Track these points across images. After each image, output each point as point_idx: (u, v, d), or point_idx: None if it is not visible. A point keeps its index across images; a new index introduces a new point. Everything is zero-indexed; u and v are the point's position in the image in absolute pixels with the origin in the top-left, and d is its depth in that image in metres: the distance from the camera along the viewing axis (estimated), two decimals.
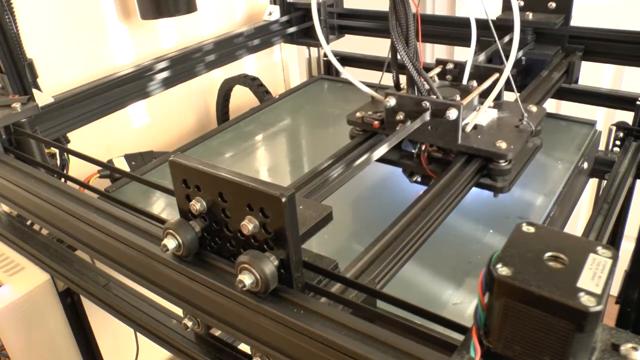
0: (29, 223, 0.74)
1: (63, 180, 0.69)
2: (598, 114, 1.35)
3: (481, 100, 0.73)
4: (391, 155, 0.76)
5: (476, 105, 0.74)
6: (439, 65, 0.80)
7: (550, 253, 0.33)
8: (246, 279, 0.42)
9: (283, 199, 0.40)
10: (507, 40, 0.96)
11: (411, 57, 0.69)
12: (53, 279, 0.67)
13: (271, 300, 0.43)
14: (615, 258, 0.32)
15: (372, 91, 0.81)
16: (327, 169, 0.69)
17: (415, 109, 0.70)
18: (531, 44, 1.01)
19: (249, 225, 0.42)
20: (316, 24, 0.77)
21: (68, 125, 0.91)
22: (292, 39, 1.33)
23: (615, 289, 1.08)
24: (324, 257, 0.51)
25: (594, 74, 1.16)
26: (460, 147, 0.71)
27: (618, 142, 0.90)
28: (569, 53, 1.00)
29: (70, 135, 0.93)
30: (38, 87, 0.83)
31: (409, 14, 0.67)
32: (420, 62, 0.70)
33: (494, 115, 0.75)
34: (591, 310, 0.29)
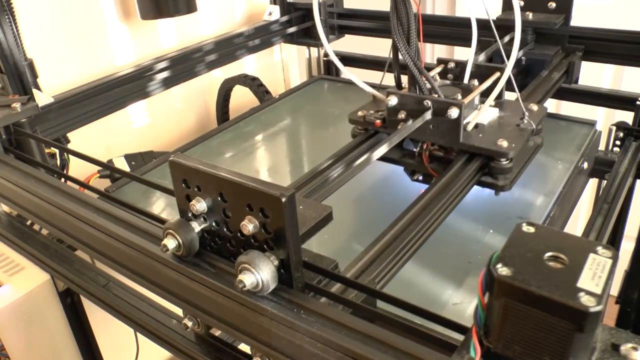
0: (29, 223, 0.74)
1: (63, 180, 0.69)
2: (598, 114, 1.35)
3: (482, 99, 0.74)
4: (393, 154, 0.76)
5: (477, 104, 0.74)
6: (440, 64, 0.80)
7: (550, 253, 0.33)
8: (246, 279, 0.42)
9: (283, 199, 0.40)
10: (507, 40, 0.96)
11: (413, 57, 0.69)
12: (53, 279, 0.67)
13: (271, 300, 0.43)
14: (615, 258, 0.32)
15: (374, 90, 0.81)
16: (327, 169, 0.70)
17: (416, 108, 0.71)
18: (531, 44, 1.01)
19: (249, 225, 0.42)
20: (318, 24, 0.77)
21: (68, 125, 0.91)
22: (292, 39, 1.33)
23: (615, 289, 1.08)
24: (324, 257, 0.51)
25: (594, 74, 1.16)
26: (461, 146, 0.71)
27: (618, 142, 0.90)
28: (569, 53, 1.00)
29: (70, 135, 0.93)
30: (38, 87, 0.83)
31: (410, 14, 0.67)
32: (421, 62, 0.70)
33: (495, 114, 0.76)
34: (591, 310, 0.29)
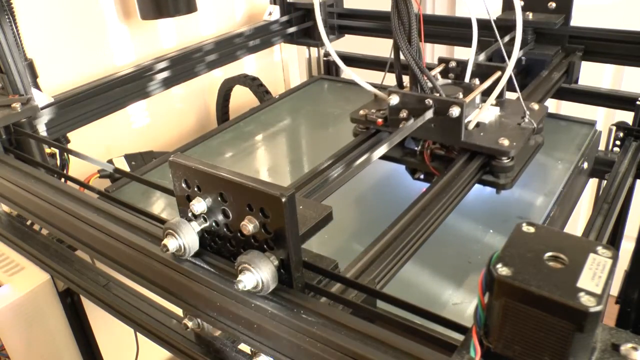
0: (29, 223, 0.74)
1: (63, 180, 0.69)
2: (598, 114, 1.35)
3: (483, 98, 0.74)
4: (394, 152, 0.76)
5: (479, 103, 0.74)
6: (442, 63, 0.80)
7: (550, 253, 0.33)
8: (246, 279, 0.42)
9: (283, 199, 0.40)
10: (508, 40, 0.96)
11: (414, 56, 0.69)
12: (53, 279, 0.67)
13: (271, 300, 0.43)
14: (615, 258, 0.32)
15: (376, 89, 0.81)
16: (327, 169, 0.70)
17: (418, 107, 0.71)
18: (531, 44, 1.01)
19: (249, 225, 0.42)
20: (319, 23, 0.77)
21: (68, 125, 0.91)
22: (292, 39, 1.32)
23: (615, 289, 1.08)
24: (324, 257, 0.51)
25: (594, 74, 1.16)
26: (463, 145, 0.71)
27: (618, 142, 0.90)
28: (569, 53, 1.00)
29: (70, 135, 0.93)
30: (38, 87, 0.83)
31: (412, 13, 0.67)
32: (422, 61, 0.70)
33: (496, 113, 0.76)
34: (591, 310, 0.29)
